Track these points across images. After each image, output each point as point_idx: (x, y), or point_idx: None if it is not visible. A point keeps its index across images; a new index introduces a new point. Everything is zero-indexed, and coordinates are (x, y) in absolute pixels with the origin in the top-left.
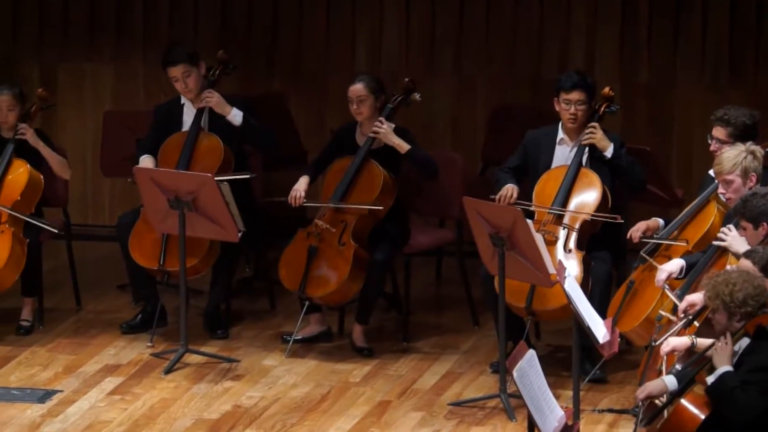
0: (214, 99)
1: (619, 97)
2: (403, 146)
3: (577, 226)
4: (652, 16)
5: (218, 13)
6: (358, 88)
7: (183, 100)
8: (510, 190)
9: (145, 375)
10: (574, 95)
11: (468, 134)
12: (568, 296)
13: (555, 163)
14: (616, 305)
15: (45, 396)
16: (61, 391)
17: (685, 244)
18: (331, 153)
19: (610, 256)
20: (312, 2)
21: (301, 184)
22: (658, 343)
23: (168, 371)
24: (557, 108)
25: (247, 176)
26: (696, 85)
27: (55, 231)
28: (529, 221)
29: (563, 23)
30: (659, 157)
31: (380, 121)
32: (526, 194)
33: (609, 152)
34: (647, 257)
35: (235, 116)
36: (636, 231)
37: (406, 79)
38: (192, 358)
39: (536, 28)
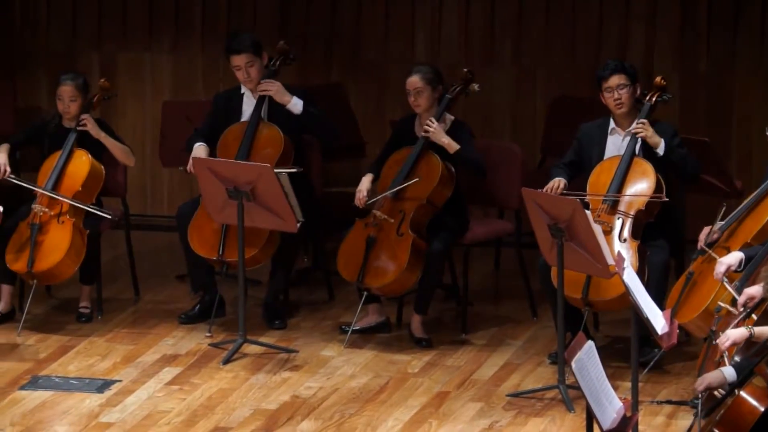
0: (273, 88)
1: (678, 88)
2: (452, 146)
3: (632, 214)
4: (711, 5)
5: (277, 4)
6: (414, 80)
7: (243, 89)
8: (556, 182)
9: (204, 365)
10: (614, 80)
11: (527, 125)
12: (627, 287)
13: (607, 153)
14: (675, 296)
15: (103, 386)
16: (119, 380)
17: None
18: (393, 148)
19: (667, 245)
20: None
21: (364, 184)
22: (717, 341)
23: (226, 361)
24: (604, 101)
25: (295, 170)
26: (755, 75)
27: (113, 218)
28: (587, 212)
29: (622, 14)
30: (718, 147)
31: (430, 121)
32: (581, 187)
33: (660, 149)
34: (706, 248)
35: (296, 104)
36: (702, 236)
37: (465, 70)
38: (250, 349)
39: (596, 19)
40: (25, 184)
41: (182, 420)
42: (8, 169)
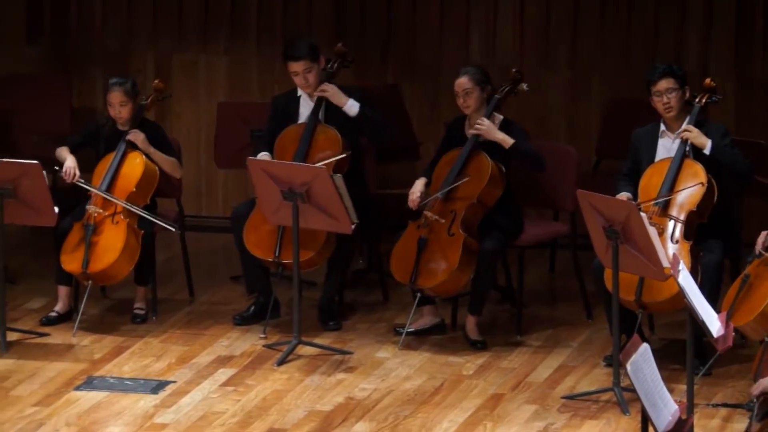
0: (329, 91)
1: (734, 91)
2: (507, 141)
3: (683, 215)
4: (767, 8)
5: (332, 5)
6: (462, 81)
7: (299, 92)
8: (623, 197)
9: (258, 366)
10: (663, 84)
11: (582, 128)
12: (682, 290)
13: (658, 156)
14: (731, 299)
15: (158, 387)
16: (174, 381)
17: None
18: (445, 150)
19: (721, 246)
20: None
21: (417, 186)
22: None
23: (281, 363)
24: (653, 105)
25: (344, 155)
26: None
27: (172, 228)
28: (643, 215)
29: (678, 17)
30: None
31: (481, 121)
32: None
33: (707, 149)
34: (764, 252)
35: (352, 107)
36: (759, 239)
37: (513, 70)
38: (305, 350)
39: (651, 22)
40: (90, 188)
41: (237, 421)
42: (77, 173)
